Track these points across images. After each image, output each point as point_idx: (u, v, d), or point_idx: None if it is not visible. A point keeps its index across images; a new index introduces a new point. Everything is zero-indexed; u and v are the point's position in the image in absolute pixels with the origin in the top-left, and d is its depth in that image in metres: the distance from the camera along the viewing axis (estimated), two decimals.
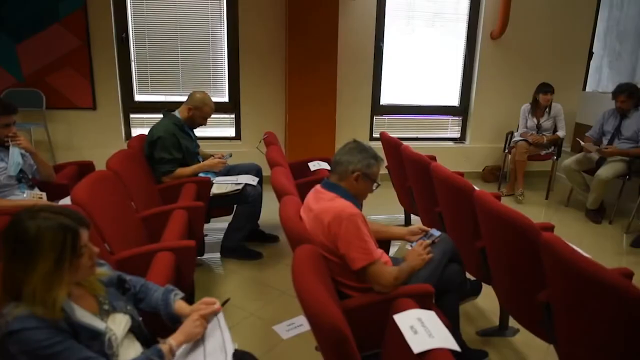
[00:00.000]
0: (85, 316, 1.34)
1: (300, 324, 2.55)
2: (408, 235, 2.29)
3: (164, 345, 1.39)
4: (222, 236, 3.38)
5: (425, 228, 2.28)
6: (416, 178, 3.15)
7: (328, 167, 3.51)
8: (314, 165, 3.50)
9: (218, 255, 3.38)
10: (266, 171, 3.64)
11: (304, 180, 3.17)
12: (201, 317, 1.49)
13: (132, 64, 4.83)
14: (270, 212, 3.67)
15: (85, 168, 3.36)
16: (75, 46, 4.63)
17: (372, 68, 5.16)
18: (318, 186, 2.07)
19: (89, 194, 2.11)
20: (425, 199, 3.02)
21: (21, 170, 2.83)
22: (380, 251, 1.97)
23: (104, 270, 1.53)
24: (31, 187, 2.88)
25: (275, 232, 3.67)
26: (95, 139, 4.81)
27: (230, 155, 3.46)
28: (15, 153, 2.79)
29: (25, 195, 2.79)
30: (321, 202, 1.97)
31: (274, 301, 2.88)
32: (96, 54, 4.68)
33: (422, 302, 1.78)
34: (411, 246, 2.16)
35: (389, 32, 5.17)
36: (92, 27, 4.62)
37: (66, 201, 2.72)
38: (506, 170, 5.20)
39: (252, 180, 3.26)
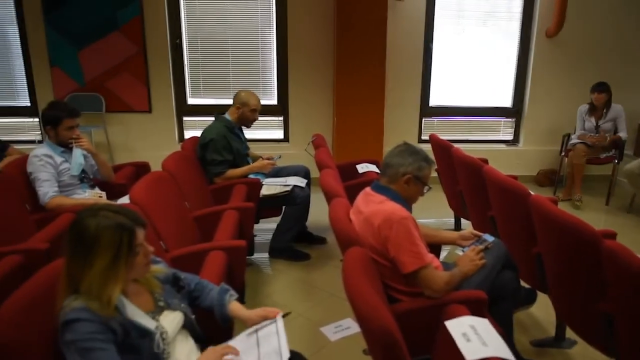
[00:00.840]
0: (137, 314, 1.38)
1: (348, 327, 2.55)
2: (459, 240, 2.24)
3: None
4: (270, 237, 3.43)
5: (478, 233, 2.22)
6: (468, 181, 3.08)
7: (376, 170, 3.49)
8: (362, 168, 3.48)
9: (267, 255, 3.43)
10: (314, 173, 3.67)
11: (352, 183, 3.16)
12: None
13: (185, 68, 4.99)
14: (318, 213, 3.70)
15: (142, 168, 3.51)
16: (132, 52, 4.84)
17: (421, 69, 5.09)
18: (368, 189, 2.06)
19: (147, 194, 2.20)
20: (477, 203, 2.94)
21: (83, 171, 2.99)
22: (431, 255, 1.94)
23: (160, 268, 1.58)
24: (92, 187, 3.03)
25: (322, 234, 3.68)
26: (151, 141, 5.01)
27: (280, 157, 3.51)
28: (78, 154, 2.95)
29: (86, 194, 2.94)
30: (371, 204, 1.96)
31: (321, 303, 2.89)
32: (152, 59, 4.87)
33: (475, 309, 1.73)
34: (463, 251, 2.11)
35: (439, 32, 5.08)
36: (148, 34, 4.81)
37: (125, 200, 2.84)
38: (562, 174, 4.97)
39: (300, 182, 3.29)
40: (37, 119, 5.02)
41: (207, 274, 1.91)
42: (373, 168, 3.48)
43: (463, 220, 3.83)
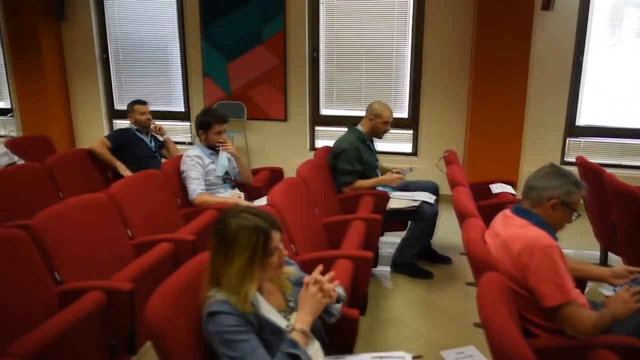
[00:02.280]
0: (270, 311, 1.45)
1: (471, 355, 2.41)
2: (611, 278, 1.99)
3: (293, 333, 1.40)
4: (394, 251, 3.40)
5: (634, 269, 1.95)
6: (622, 212, 2.73)
7: (512, 191, 3.27)
8: (496, 188, 3.29)
9: (388, 269, 3.40)
10: (442, 189, 3.57)
11: (485, 203, 3.00)
12: (315, 288, 1.44)
13: (321, 80, 5.19)
14: (444, 232, 3.58)
15: (276, 173, 3.72)
16: (274, 65, 5.17)
17: (568, 84, 4.67)
18: (507, 211, 1.93)
19: (282, 198, 2.32)
20: (634, 237, 2.60)
21: (226, 172, 3.26)
22: (577, 291, 1.75)
23: (292, 270, 1.65)
24: (233, 187, 3.29)
25: (447, 253, 3.54)
26: (284, 148, 5.29)
27: (410, 170, 3.47)
28: (223, 157, 3.23)
29: (227, 194, 3.20)
30: (510, 228, 1.83)
31: (443, 325, 2.78)
32: (291, 71, 5.15)
33: (626, 358, 1.52)
34: (614, 291, 1.88)
35: (591, 44, 4.61)
36: (289, 48, 5.10)
37: (261, 201, 3.03)
38: None
39: (429, 198, 3.21)
40: (189, 123, 5.61)
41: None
42: (509, 189, 3.27)
43: (611, 255, 3.40)
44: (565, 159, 4.81)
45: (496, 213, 2.03)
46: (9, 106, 6.29)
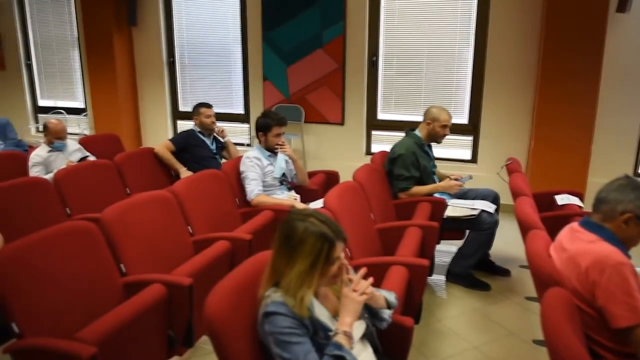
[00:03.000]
0: (324, 315, 1.45)
1: None
2: None
3: (337, 337, 1.39)
4: (449, 259, 3.31)
5: None
6: None
7: (579, 203, 3.10)
8: (562, 199, 3.13)
9: (443, 278, 3.32)
10: (503, 199, 3.45)
11: (550, 214, 2.86)
12: (349, 288, 1.45)
13: (379, 84, 5.16)
14: (503, 243, 3.45)
15: (332, 177, 3.73)
16: (332, 69, 5.20)
17: None
18: (575, 224, 1.83)
19: (339, 201, 2.32)
20: None
21: (283, 174, 3.31)
22: None
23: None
24: (289, 189, 3.34)
25: (506, 266, 3.41)
26: (340, 151, 5.30)
27: (470, 178, 3.37)
28: (281, 159, 3.28)
29: (284, 196, 3.25)
30: (578, 242, 1.73)
31: (499, 340, 2.67)
32: (349, 75, 5.16)
33: None
34: None
35: None
36: (348, 52, 5.11)
37: (317, 204, 3.05)
38: None
39: (489, 207, 3.10)
40: (247, 125, 5.75)
41: (388, 288, 1.92)
42: (575, 201, 3.10)
43: None
44: (638, 171, 4.51)
45: (561, 225, 1.93)
46: (83, 106, 6.72)
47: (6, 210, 2.65)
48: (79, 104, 6.79)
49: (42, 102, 7.16)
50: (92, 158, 3.96)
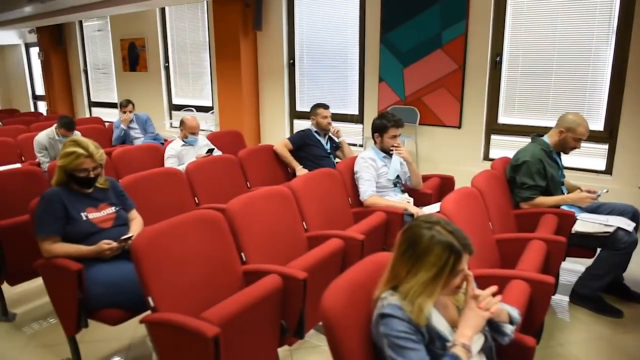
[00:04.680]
0: (441, 324, 1.41)
1: None
2: None
3: (455, 348, 1.33)
4: (574, 279, 3.03)
5: None
6: None
7: None
8: None
9: (566, 298, 3.04)
10: None
11: None
12: (475, 302, 1.39)
13: (502, 85, 4.88)
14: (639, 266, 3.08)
15: (447, 181, 3.61)
16: (451, 70, 5.03)
17: None
18: None
19: (456, 208, 2.24)
20: None
21: (397, 176, 3.28)
22: None
23: None
24: (402, 192, 3.29)
25: None
26: (455, 156, 5.11)
27: (606, 191, 3.03)
28: (396, 160, 3.26)
29: (397, 198, 3.21)
30: None
31: None
32: (469, 76, 4.95)
33: None
34: None
35: None
36: (470, 52, 4.90)
37: (431, 209, 2.98)
38: None
39: (627, 224, 2.77)
40: (361, 126, 5.79)
41: (507, 303, 1.80)
42: None
43: None
44: None
45: None
46: (210, 104, 7.30)
47: (146, 195, 2.96)
48: (207, 102, 7.40)
49: (175, 100, 7.94)
50: (217, 151, 4.27)
